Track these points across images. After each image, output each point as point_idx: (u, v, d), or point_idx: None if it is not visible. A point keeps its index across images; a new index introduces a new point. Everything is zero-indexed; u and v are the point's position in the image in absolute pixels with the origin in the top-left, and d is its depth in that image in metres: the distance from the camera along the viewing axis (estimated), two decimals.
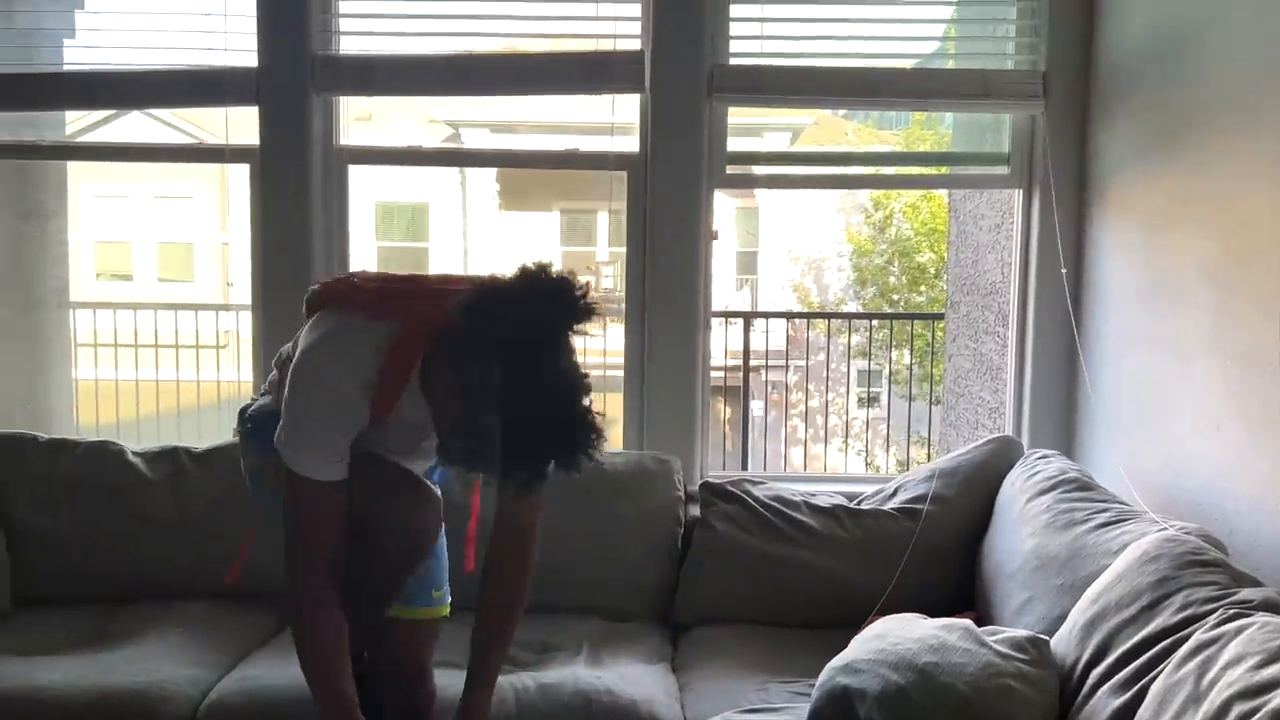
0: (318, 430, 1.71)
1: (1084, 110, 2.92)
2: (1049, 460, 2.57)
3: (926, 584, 2.60)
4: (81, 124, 10.82)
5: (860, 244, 13.47)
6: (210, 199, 14.90)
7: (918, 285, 12.85)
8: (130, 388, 5.37)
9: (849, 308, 13.73)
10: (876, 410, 12.03)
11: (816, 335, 10.43)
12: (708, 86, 2.94)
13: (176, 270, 14.72)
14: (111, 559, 2.68)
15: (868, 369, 11.56)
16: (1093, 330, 2.87)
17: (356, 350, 1.70)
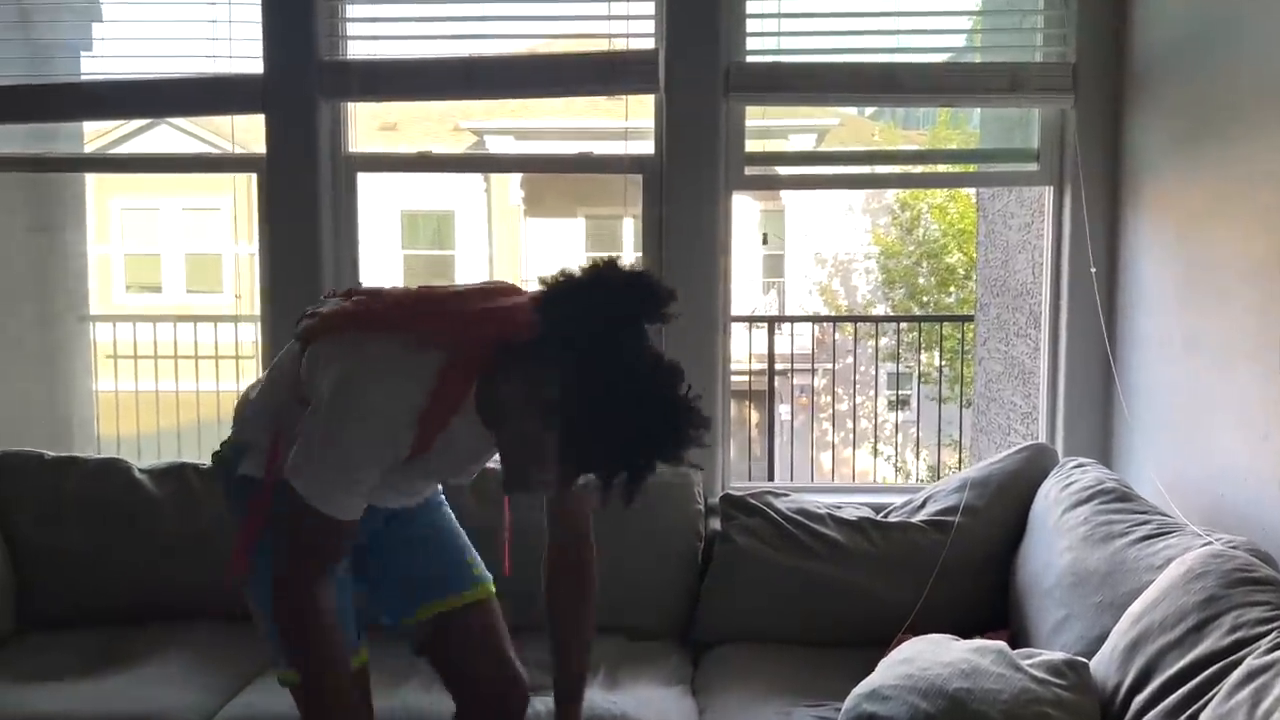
0: (356, 469, 1.52)
1: (1116, 103, 2.80)
2: (1085, 469, 2.45)
3: (957, 600, 2.49)
4: (110, 137, 10.92)
5: (888, 245, 13.33)
6: (238, 210, 14.95)
7: (947, 286, 12.69)
8: (152, 399, 5.34)
9: (877, 310, 13.59)
10: (907, 413, 11.87)
11: (845, 338, 10.31)
12: (724, 85, 2.85)
13: (205, 282, 14.80)
14: (117, 579, 2.63)
15: (897, 371, 11.42)
16: (1129, 332, 2.75)
17: (404, 379, 1.52)
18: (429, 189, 13.06)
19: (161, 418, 5.34)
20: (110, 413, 5.09)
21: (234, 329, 5.31)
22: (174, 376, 5.31)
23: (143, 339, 5.51)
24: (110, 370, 5.29)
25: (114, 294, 14.17)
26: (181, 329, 5.45)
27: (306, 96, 2.89)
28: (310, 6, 2.86)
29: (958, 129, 11.03)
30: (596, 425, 1.41)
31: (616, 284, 1.45)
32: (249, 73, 2.91)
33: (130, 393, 5.31)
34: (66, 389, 3.97)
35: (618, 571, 2.56)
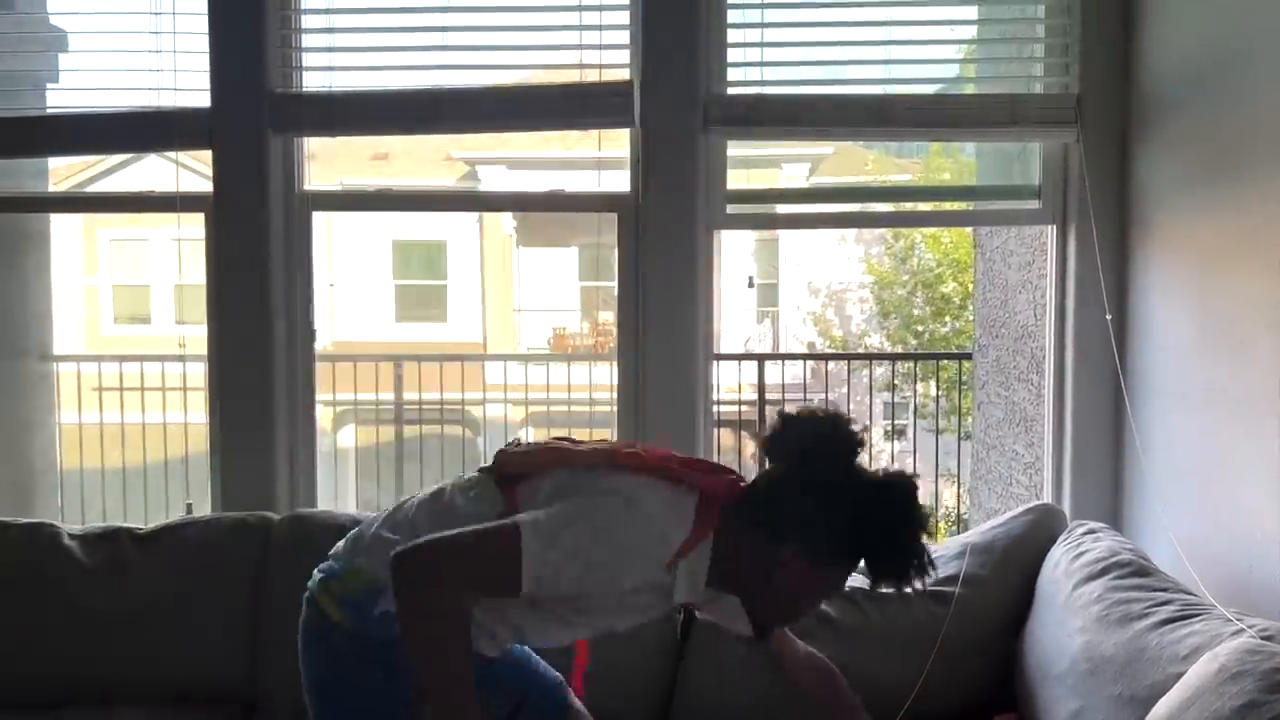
0: (577, 559, 1.54)
1: (1123, 136, 2.61)
2: (1098, 538, 2.24)
3: (961, 679, 2.27)
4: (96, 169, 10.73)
5: (882, 275, 13.19)
6: None
7: (942, 316, 12.54)
8: (116, 432, 5.16)
9: (872, 340, 13.42)
10: (904, 443, 11.67)
11: (840, 369, 10.14)
12: (703, 119, 2.66)
13: (195, 313, 14.58)
14: (40, 658, 2.40)
15: (893, 401, 11.22)
16: (1140, 383, 2.55)
17: (675, 511, 1.63)
18: (421, 219, 12.90)
19: (148, 451, 5.19)
20: (91, 447, 4.95)
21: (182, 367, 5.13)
22: (140, 409, 5.15)
23: (128, 371, 5.33)
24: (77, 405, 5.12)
25: (102, 326, 14.00)
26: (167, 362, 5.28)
27: (256, 130, 2.70)
28: (260, 36, 2.69)
29: (951, 158, 10.90)
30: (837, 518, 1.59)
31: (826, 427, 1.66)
32: (194, 106, 2.72)
33: (114, 425, 5.15)
34: (28, 428, 3.80)
35: (592, 647, 2.36)
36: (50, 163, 3.85)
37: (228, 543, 2.50)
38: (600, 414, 5.00)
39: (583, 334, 12.71)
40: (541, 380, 6.09)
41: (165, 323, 14.21)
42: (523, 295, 13.27)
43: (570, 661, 1.99)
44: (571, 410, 5.68)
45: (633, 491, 1.61)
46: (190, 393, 5.10)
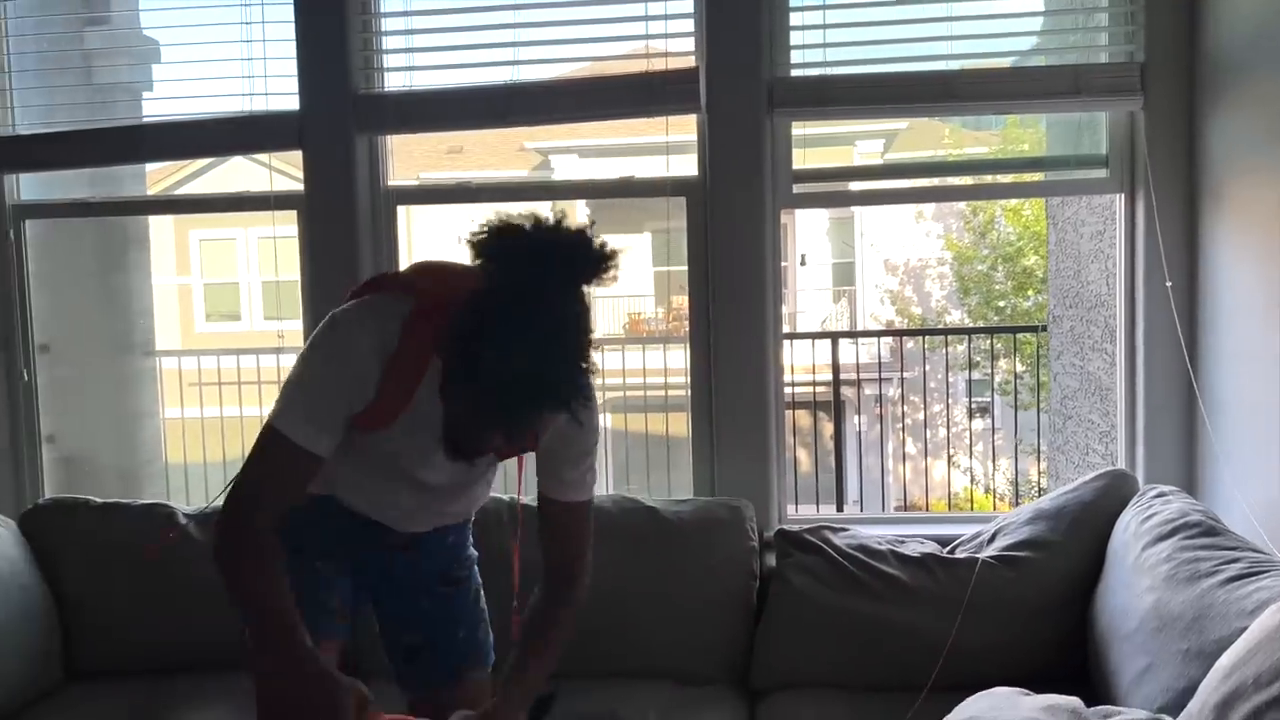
0: (323, 396, 1.55)
1: (1190, 103, 2.61)
2: (1167, 500, 2.27)
3: (1029, 644, 2.32)
4: (184, 174, 11.13)
5: (960, 250, 12.99)
6: None
7: (1024, 290, 12.32)
8: (236, 424, 5.40)
9: (952, 316, 13.26)
10: (988, 421, 11.54)
11: (918, 347, 10.06)
12: (768, 101, 2.73)
13: (283, 309, 15.04)
14: (161, 630, 2.59)
15: (970, 379, 11.11)
16: (1213, 348, 2.55)
17: (375, 318, 1.56)
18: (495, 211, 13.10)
19: (246, 443, 5.41)
20: (193, 439, 5.19)
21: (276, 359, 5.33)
22: (257, 401, 5.37)
23: (223, 366, 5.58)
24: (179, 399, 5.37)
25: (195, 323, 14.52)
26: (253, 357, 5.51)
27: (342, 130, 2.85)
28: (344, 40, 2.82)
29: (1030, 129, 10.71)
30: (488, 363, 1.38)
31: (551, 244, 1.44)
32: (285, 109, 2.88)
33: (213, 419, 5.39)
34: (135, 422, 4.02)
35: (668, 613, 2.48)
36: (146, 168, 4.09)
37: None
38: (675, 398, 5.08)
39: (657, 318, 12.81)
40: (616, 366, 6.19)
41: (255, 318, 14.72)
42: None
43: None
44: (648, 395, 5.75)
45: (336, 315, 1.58)
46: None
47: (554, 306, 1.40)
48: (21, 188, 3.09)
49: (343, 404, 1.56)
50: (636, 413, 5.75)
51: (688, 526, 2.57)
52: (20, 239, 3.04)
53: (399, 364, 1.54)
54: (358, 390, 1.55)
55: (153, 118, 3.13)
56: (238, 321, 14.72)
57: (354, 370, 1.54)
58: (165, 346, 7.71)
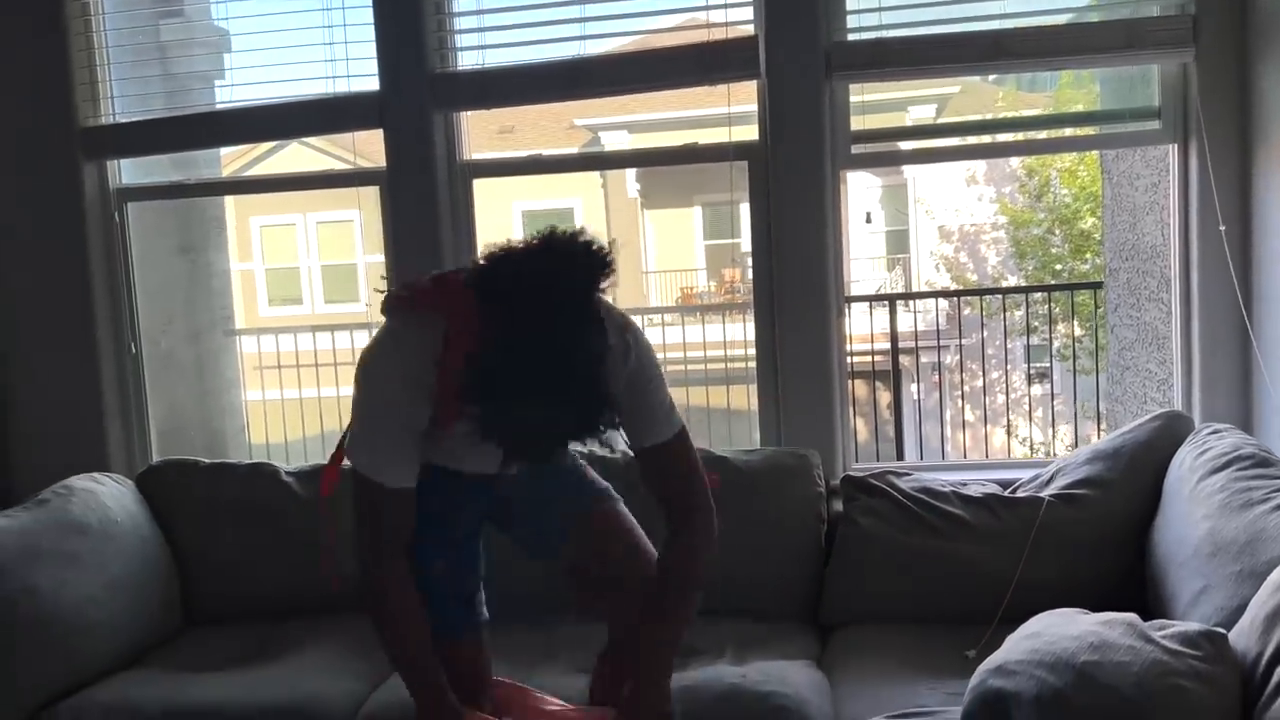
0: (388, 435, 1.66)
1: (1242, 52, 2.67)
2: (1221, 435, 2.36)
3: (1089, 577, 2.43)
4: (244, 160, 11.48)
5: (1015, 214, 12.88)
6: (370, 221, 15.56)
7: (1082, 253, 12.19)
8: (297, 406, 5.60)
9: (1008, 282, 13.17)
10: (1047, 387, 11.49)
11: (975, 314, 10.05)
12: (826, 66, 2.84)
13: (341, 292, 15.42)
14: (270, 577, 2.80)
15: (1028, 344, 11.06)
16: (1267, 292, 2.63)
17: (408, 351, 1.64)
18: (548, 187, 13.29)
19: (306, 425, 5.61)
20: (259, 421, 5.39)
21: (368, 334, 5.52)
22: (315, 384, 5.57)
23: (286, 349, 5.80)
24: (257, 381, 5.58)
25: (259, 308, 14.89)
26: (321, 338, 5.72)
27: (420, 109, 3.01)
28: (420, 22, 2.98)
29: (1083, 89, 10.59)
30: (504, 384, 1.48)
31: (553, 255, 1.53)
32: (366, 90, 3.04)
33: (276, 401, 5.60)
34: (217, 400, 4.22)
35: (742, 555, 2.61)
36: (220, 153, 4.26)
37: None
38: (734, 370, 5.16)
39: (710, 290, 12.90)
40: (675, 339, 6.28)
41: (316, 302, 15.06)
42: (650, 256, 13.54)
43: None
44: (709, 369, 5.81)
45: (373, 342, 1.69)
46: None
47: (561, 335, 1.47)
48: (121, 173, 3.30)
49: (407, 437, 1.66)
50: (697, 385, 5.81)
51: (758, 475, 2.70)
52: (124, 221, 3.25)
53: (442, 388, 1.61)
54: (415, 420, 1.65)
55: (227, 104, 3.29)
56: (299, 305, 15.06)
57: (403, 412, 1.64)
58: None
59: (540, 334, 1.48)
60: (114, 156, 3.24)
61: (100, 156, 3.22)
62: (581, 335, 1.50)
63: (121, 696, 2.32)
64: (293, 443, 5.52)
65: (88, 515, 2.61)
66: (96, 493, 2.70)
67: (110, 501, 2.70)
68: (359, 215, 15.52)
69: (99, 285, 3.21)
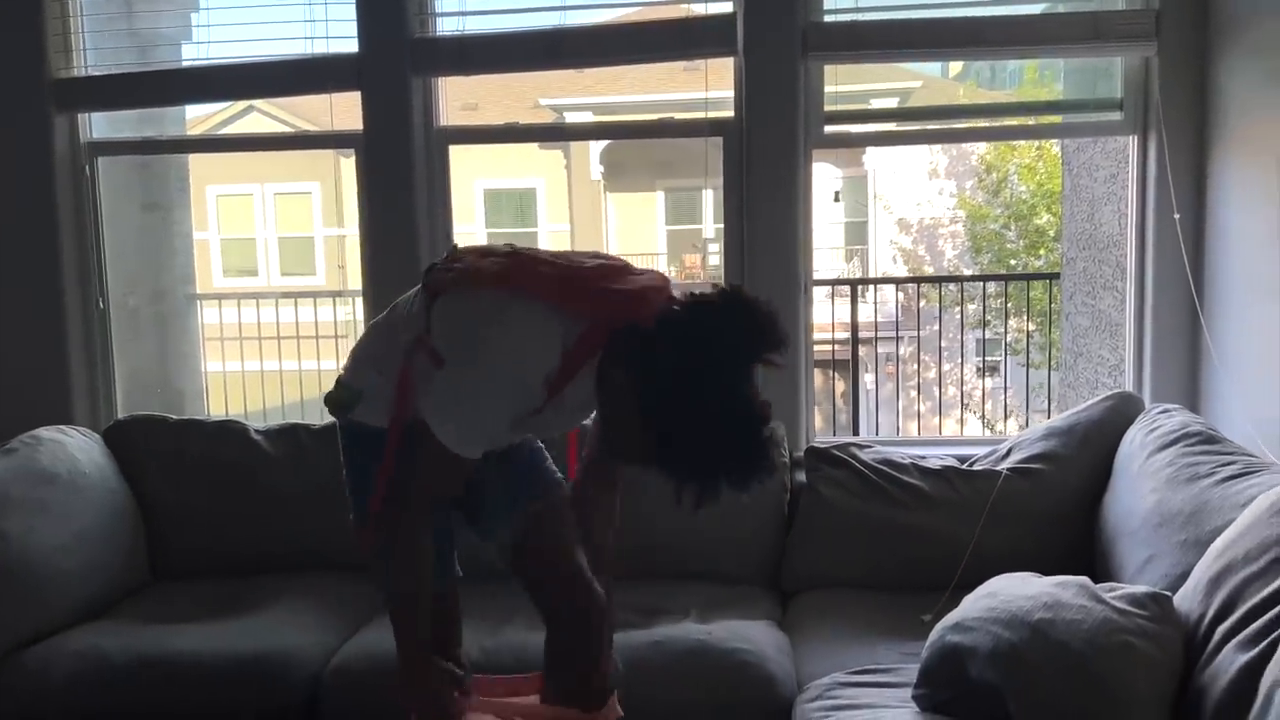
0: (491, 417, 1.63)
1: (1202, 47, 2.77)
2: (1170, 414, 2.46)
3: (1042, 547, 2.50)
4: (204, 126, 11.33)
5: (973, 209, 13.09)
6: (328, 194, 15.42)
7: (1036, 249, 12.43)
8: (254, 378, 5.55)
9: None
10: (997, 380, 11.70)
11: (930, 306, 10.20)
12: (802, 45, 2.89)
13: (298, 264, 15.26)
14: (238, 533, 2.81)
15: (984, 337, 11.26)
16: (1217, 279, 2.73)
17: (547, 341, 1.62)
18: (511, 167, 13.23)
19: (266, 397, 5.57)
20: (216, 391, 5.33)
21: (332, 307, 5.48)
22: (277, 356, 5.51)
23: (241, 320, 5.72)
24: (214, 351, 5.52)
25: (213, 278, 14.72)
26: (277, 310, 5.65)
27: (399, 73, 3.02)
28: None
29: (1045, 86, 10.77)
30: (680, 432, 1.52)
31: (742, 320, 1.56)
32: (344, 52, 3.05)
33: (234, 373, 5.53)
34: (178, 364, 4.19)
35: (708, 522, 2.63)
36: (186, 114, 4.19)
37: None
38: None
39: (671, 276, 12.95)
40: None
41: (272, 274, 14.90)
42: (611, 240, 13.56)
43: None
44: None
45: (500, 326, 1.62)
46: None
47: (736, 387, 1.53)
48: (91, 127, 3.27)
49: (506, 418, 1.65)
50: None
51: None
52: (94, 175, 3.23)
53: (563, 376, 1.63)
54: (523, 405, 1.64)
55: (203, 60, 3.27)
56: (255, 277, 14.90)
57: (520, 392, 1.62)
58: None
59: (717, 392, 1.53)
60: (86, 109, 3.21)
61: (72, 109, 3.18)
62: (754, 394, 1.56)
63: (91, 645, 2.32)
64: (253, 415, 5.48)
65: (56, 465, 2.61)
66: (64, 444, 2.70)
67: (78, 453, 2.70)
68: (318, 187, 15.41)
69: (67, 240, 3.18)
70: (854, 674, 2.08)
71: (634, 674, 2.15)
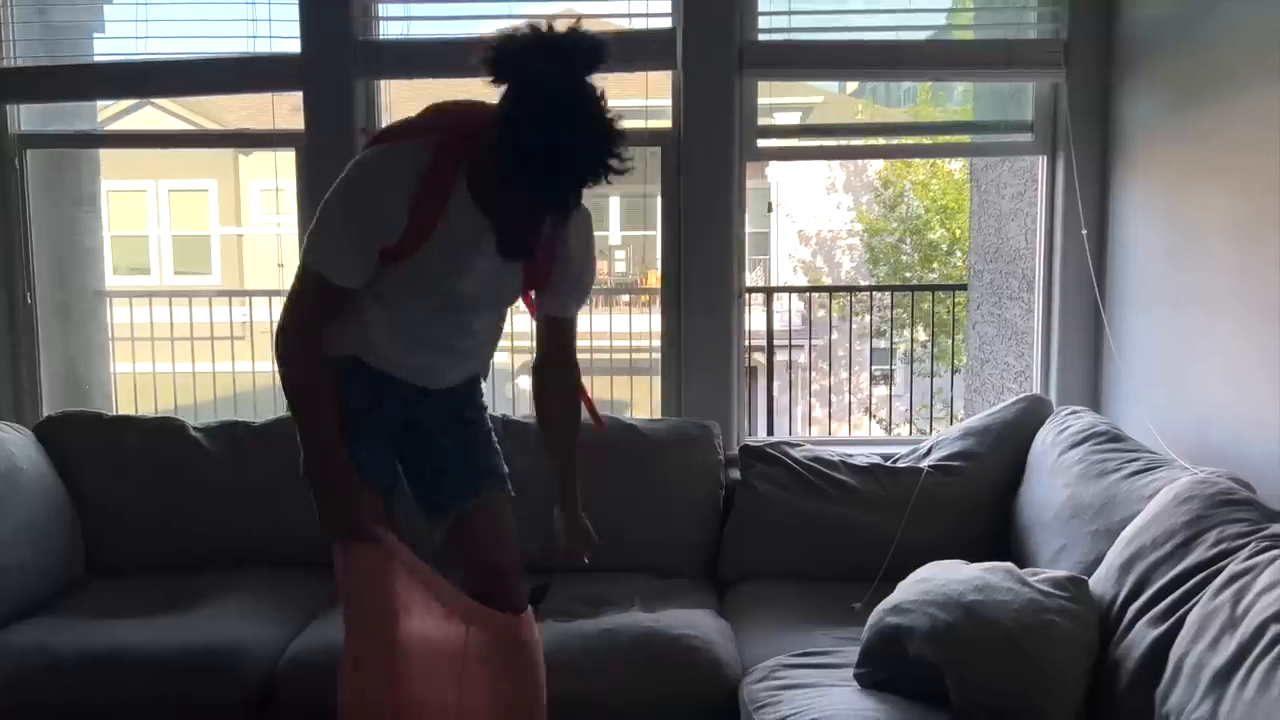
0: (345, 234, 1.74)
1: (1106, 76, 2.99)
2: (1079, 415, 2.66)
3: (962, 538, 2.68)
4: (105, 115, 10.96)
5: (871, 223, 13.52)
6: (226, 192, 15.05)
7: (930, 263, 12.90)
8: (149, 380, 5.36)
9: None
10: (894, 388, 12.08)
11: (824, 317, 10.51)
12: (738, 62, 3.03)
13: (192, 263, 14.86)
14: (178, 530, 2.81)
15: (878, 347, 11.64)
16: (1118, 290, 2.95)
17: (397, 159, 1.73)
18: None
19: (159, 399, 5.40)
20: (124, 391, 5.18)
21: (229, 306, 5.31)
22: (170, 358, 5.32)
23: (138, 320, 5.47)
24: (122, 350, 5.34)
25: (105, 276, 14.20)
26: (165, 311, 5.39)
27: (343, 75, 3.05)
28: None
29: (940, 106, 11.21)
30: (534, 140, 1.57)
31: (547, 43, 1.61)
32: (287, 52, 3.07)
33: (126, 374, 5.32)
34: (86, 362, 4.09)
35: (647, 517, 2.79)
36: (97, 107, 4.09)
37: None
38: (619, 360, 5.26)
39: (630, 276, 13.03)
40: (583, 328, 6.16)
41: (165, 273, 14.47)
42: None
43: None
44: (614, 358, 5.83)
45: (359, 163, 1.75)
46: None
47: (572, 85, 1.60)
48: (20, 119, 3.21)
49: (369, 240, 1.74)
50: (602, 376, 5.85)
51: (665, 442, 2.88)
52: (23, 168, 3.17)
53: (426, 195, 1.72)
54: (385, 226, 1.73)
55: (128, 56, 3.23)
56: (147, 275, 14.46)
57: (380, 209, 1.72)
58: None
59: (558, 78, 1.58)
60: (17, 101, 3.15)
61: (1, 100, 3.13)
62: (591, 90, 1.63)
63: (36, 641, 2.30)
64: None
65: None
66: (1, 440, 2.65)
67: (14, 449, 2.66)
68: (215, 185, 15.03)
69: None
70: (796, 656, 2.21)
71: (587, 661, 2.25)
